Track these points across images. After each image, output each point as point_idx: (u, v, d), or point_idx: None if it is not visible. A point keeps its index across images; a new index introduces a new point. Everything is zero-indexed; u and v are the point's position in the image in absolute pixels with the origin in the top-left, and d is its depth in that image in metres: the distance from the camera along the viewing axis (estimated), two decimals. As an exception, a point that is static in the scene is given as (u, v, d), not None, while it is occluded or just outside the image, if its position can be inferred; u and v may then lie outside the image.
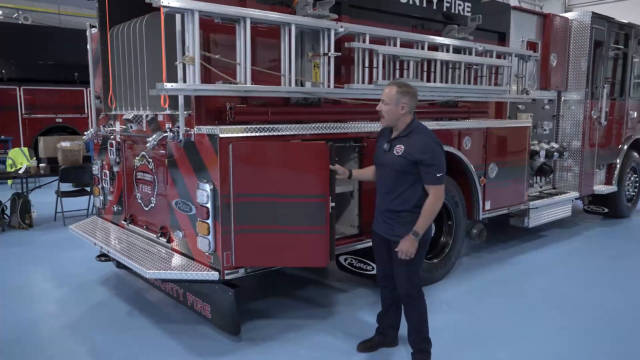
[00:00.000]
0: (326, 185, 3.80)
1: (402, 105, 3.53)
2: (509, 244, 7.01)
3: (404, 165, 3.51)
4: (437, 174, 3.48)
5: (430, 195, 3.51)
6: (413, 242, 3.50)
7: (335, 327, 4.44)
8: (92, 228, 5.32)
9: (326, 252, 3.85)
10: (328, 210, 3.78)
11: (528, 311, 4.78)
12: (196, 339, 4.20)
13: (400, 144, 3.56)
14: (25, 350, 4.05)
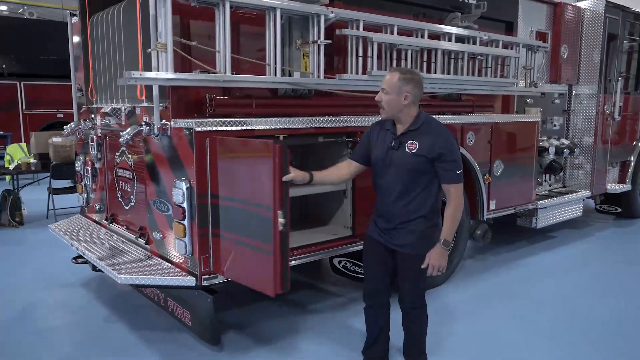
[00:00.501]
0: (273, 193, 3.02)
1: (405, 95, 3.06)
2: (515, 245, 6.65)
3: (420, 164, 3.06)
4: (458, 170, 3.08)
5: (452, 196, 3.09)
6: (444, 254, 3.10)
7: (326, 336, 4.12)
8: (72, 228, 5.05)
9: (274, 279, 3.10)
10: (276, 226, 3.02)
11: (534, 321, 4.43)
12: (174, 348, 3.91)
13: (412, 139, 3.08)
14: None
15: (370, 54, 4.34)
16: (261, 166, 3.12)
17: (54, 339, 4.09)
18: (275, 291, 3.10)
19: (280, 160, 2.98)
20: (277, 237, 3.03)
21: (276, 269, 3.05)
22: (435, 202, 3.18)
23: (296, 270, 5.41)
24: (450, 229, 3.11)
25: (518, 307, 4.71)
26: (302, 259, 4.11)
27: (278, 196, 3.00)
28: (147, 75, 3.30)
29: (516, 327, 4.29)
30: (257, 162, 3.17)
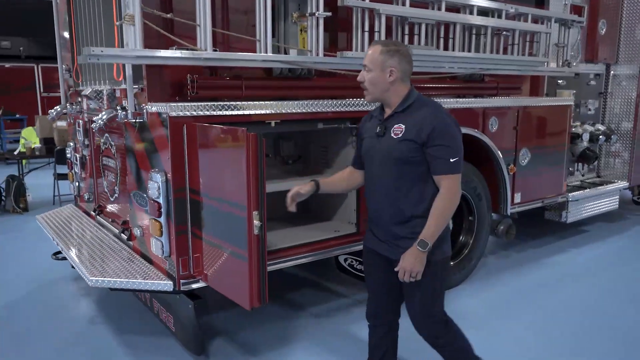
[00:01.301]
0: (247, 191, 2.59)
1: (390, 70, 2.52)
2: (542, 241, 6.08)
3: (408, 152, 2.48)
4: (451, 158, 2.45)
5: (441, 190, 2.47)
6: (419, 256, 2.45)
7: (324, 345, 3.70)
8: (59, 219, 4.73)
9: (250, 290, 2.69)
10: (251, 229, 2.60)
11: (560, 332, 3.91)
12: (155, 357, 3.55)
13: (398, 122, 2.54)
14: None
15: (377, 29, 3.82)
16: (234, 159, 2.68)
17: (28, 342, 3.77)
18: (251, 304, 2.67)
19: (254, 151, 2.53)
20: (252, 241, 2.59)
21: (252, 278, 2.62)
22: (434, 198, 2.54)
23: (299, 266, 5.01)
24: (433, 227, 2.45)
25: (541, 315, 4.19)
26: (299, 259, 3.69)
27: (253, 194, 2.55)
28: (109, 52, 2.87)
29: (536, 342, 3.79)
30: (230, 154, 2.74)
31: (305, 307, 4.32)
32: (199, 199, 3.07)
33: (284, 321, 4.06)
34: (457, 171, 2.49)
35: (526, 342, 3.76)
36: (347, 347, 3.66)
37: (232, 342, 3.73)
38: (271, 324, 4.02)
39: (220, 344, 3.71)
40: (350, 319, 4.09)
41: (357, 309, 4.28)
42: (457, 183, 2.51)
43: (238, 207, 2.66)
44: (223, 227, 2.87)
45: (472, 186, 4.61)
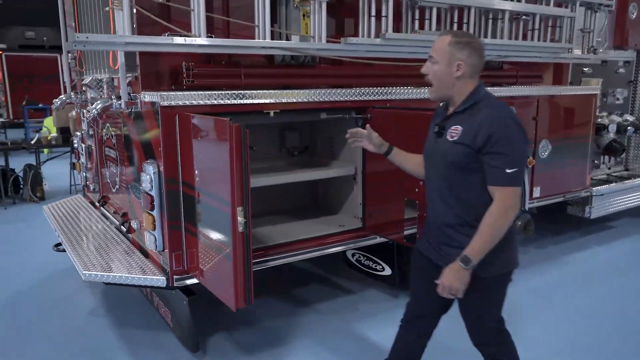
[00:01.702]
0: (231, 185, 2.45)
1: (458, 64, 2.25)
2: (564, 237, 5.81)
3: (463, 157, 2.24)
4: (508, 168, 2.15)
5: (493, 203, 2.19)
6: (460, 273, 2.22)
7: (326, 344, 3.56)
8: (64, 210, 4.69)
9: (235, 290, 2.56)
10: (235, 226, 2.46)
11: (576, 335, 3.69)
12: (152, 352, 3.47)
13: (456, 124, 2.29)
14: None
15: (385, 13, 3.63)
16: (218, 151, 2.54)
17: (31, 334, 3.73)
18: (236, 305, 2.54)
19: (238, 143, 2.38)
20: (236, 239, 2.45)
21: (237, 278, 2.49)
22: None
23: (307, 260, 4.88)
24: (479, 244, 2.20)
25: (556, 315, 3.96)
26: (300, 254, 3.56)
27: (237, 189, 2.41)
28: (96, 39, 2.76)
29: (549, 341, 3.57)
30: (215, 146, 2.60)
31: (310, 303, 4.19)
32: (192, 193, 2.95)
33: (286, 318, 3.94)
34: (514, 184, 2.18)
35: (539, 343, 3.55)
36: (349, 347, 3.52)
37: (230, 339, 3.63)
38: (273, 320, 3.90)
39: (218, 340, 3.61)
40: (356, 317, 3.94)
41: (363, 306, 4.13)
42: (513, 197, 2.19)
43: (223, 202, 2.53)
44: (212, 222, 2.75)
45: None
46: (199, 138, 2.78)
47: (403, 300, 4.23)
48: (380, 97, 3.67)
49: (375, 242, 3.83)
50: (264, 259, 3.40)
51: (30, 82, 14.06)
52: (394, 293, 4.32)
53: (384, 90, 3.69)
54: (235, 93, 3.12)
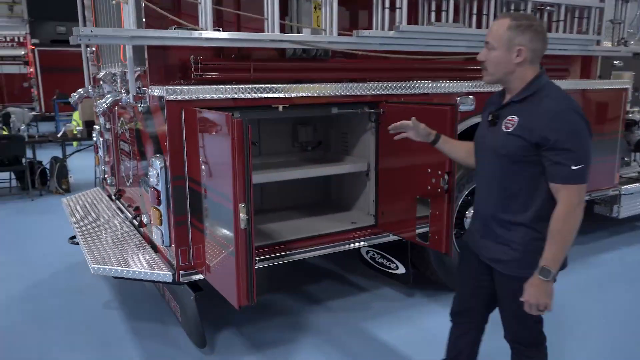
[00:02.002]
0: (233, 181, 2.39)
1: (519, 50, 2.09)
2: (590, 237, 5.59)
3: (518, 150, 2.10)
4: (574, 165, 2.01)
5: (558, 205, 2.05)
6: (542, 286, 2.07)
7: (336, 344, 3.50)
8: (82, 203, 4.75)
9: (237, 287, 2.51)
10: (237, 223, 2.41)
11: (597, 340, 3.53)
12: (161, 346, 3.47)
13: (513, 114, 2.14)
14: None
15: (399, 5, 3.53)
16: (220, 146, 2.50)
17: (38, 327, 3.78)
18: (238, 302, 2.50)
19: (240, 138, 2.32)
20: (239, 236, 2.41)
21: (239, 275, 2.45)
22: (547, 205, 2.14)
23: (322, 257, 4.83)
24: (554, 251, 2.05)
25: (577, 319, 3.81)
26: (308, 252, 3.49)
27: (239, 184, 2.36)
28: (100, 32, 2.75)
29: (573, 350, 3.43)
30: (217, 141, 2.56)
31: (322, 301, 4.13)
32: (198, 189, 2.92)
33: (297, 315, 3.89)
34: (580, 181, 2.04)
35: (557, 349, 3.41)
36: (359, 346, 3.45)
37: (240, 336, 3.60)
38: (283, 317, 3.86)
39: (227, 336, 3.59)
40: (368, 315, 3.87)
41: (376, 305, 4.06)
42: (579, 195, 2.05)
43: (226, 198, 2.48)
44: (216, 218, 2.71)
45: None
46: (203, 133, 2.74)
47: (417, 300, 4.17)
48: (393, 92, 3.57)
49: (388, 240, 3.74)
50: (272, 256, 3.35)
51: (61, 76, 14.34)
52: (408, 292, 4.23)
53: (398, 85, 3.59)
54: (242, 87, 3.07)
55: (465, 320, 2.59)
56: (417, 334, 3.60)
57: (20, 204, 7.49)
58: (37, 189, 7.84)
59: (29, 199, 7.62)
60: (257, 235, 3.60)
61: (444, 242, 3.16)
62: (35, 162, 7.93)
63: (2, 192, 8.03)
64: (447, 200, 3.10)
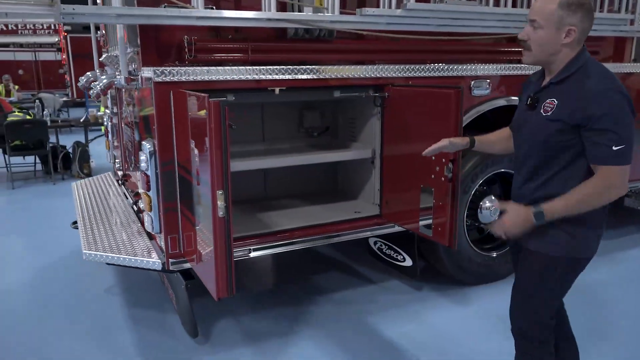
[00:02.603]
0: (210, 166, 2.28)
1: (569, 30, 1.96)
2: (620, 231, 5.26)
3: (556, 134, 2.00)
4: (615, 145, 1.92)
5: (596, 176, 1.98)
6: (525, 218, 2.04)
7: (335, 336, 3.36)
8: (90, 187, 4.73)
9: (216, 278, 2.38)
10: (215, 211, 2.27)
11: (621, 348, 3.28)
12: (155, 335, 3.41)
13: (552, 97, 2.04)
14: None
15: (407, -19, 3.31)
16: (199, 130, 2.37)
17: (47, 309, 3.78)
18: (217, 294, 2.38)
19: (217, 122, 2.19)
20: (216, 225, 2.28)
21: (217, 265, 2.33)
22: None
23: (330, 246, 4.69)
24: (561, 204, 1.99)
25: (604, 320, 3.55)
26: (307, 242, 3.36)
27: (217, 170, 2.23)
28: (84, 10, 2.63)
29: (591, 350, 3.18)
30: (197, 125, 2.43)
31: (326, 292, 3.99)
32: (186, 174, 2.81)
33: (299, 306, 3.77)
34: (621, 162, 1.95)
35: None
36: (359, 341, 3.30)
37: (236, 326, 3.51)
38: (285, 308, 3.74)
39: (224, 326, 3.50)
40: (373, 309, 3.71)
41: (381, 298, 3.89)
42: (619, 176, 1.96)
43: (206, 185, 2.36)
44: (199, 206, 2.60)
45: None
46: (187, 116, 2.62)
47: (425, 294, 3.98)
48: (400, 75, 3.37)
49: (392, 230, 3.57)
50: (269, 245, 3.23)
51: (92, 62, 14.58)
52: (417, 285, 4.05)
53: (406, 67, 3.38)
54: (236, 69, 2.93)
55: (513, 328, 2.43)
56: (422, 331, 3.43)
57: (43, 187, 7.60)
58: (59, 173, 7.95)
59: (51, 182, 7.74)
60: (257, 222, 3.49)
61: (448, 234, 2.97)
62: (59, 147, 8.04)
63: (27, 176, 8.18)
64: (452, 190, 2.90)
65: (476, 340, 3.30)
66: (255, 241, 3.21)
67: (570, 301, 3.44)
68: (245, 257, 3.19)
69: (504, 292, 3.90)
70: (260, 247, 3.20)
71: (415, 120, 3.16)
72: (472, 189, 3.81)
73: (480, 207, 4.01)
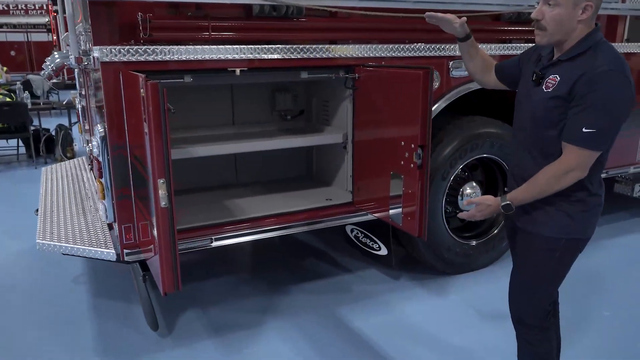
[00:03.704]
0: (150, 152, 2.15)
1: (585, 6, 1.90)
2: (609, 217, 5.11)
3: (556, 111, 1.95)
4: (585, 127, 1.86)
5: (559, 159, 1.94)
6: (489, 207, 2.07)
7: (303, 329, 3.23)
8: (60, 172, 4.58)
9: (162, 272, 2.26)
10: (157, 201, 2.12)
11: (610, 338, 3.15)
12: (118, 327, 3.28)
13: (556, 73, 1.96)
14: None
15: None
16: (139, 113, 2.20)
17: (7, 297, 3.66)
18: (163, 289, 2.24)
19: (155, 105, 2.02)
20: (159, 215, 2.13)
21: (161, 258, 2.18)
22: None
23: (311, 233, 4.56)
24: (526, 195, 2.01)
25: (591, 309, 3.41)
26: (271, 231, 3.21)
27: (157, 157, 2.07)
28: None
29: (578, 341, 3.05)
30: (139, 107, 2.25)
31: (299, 281, 3.86)
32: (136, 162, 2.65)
33: (269, 296, 3.63)
34: (587, 145, 1.88)
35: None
36: (328, 333, 3.17)
37: (203, 318, 3.37)
38: (256, 299, 3.61)
39: (189, 318, 3.37)
40: (345, 299, 3.58)
41: (357, 287, 3.76)
42: (579, 160, 1.91)
43: (149, 171, 2.20)
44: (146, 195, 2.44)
45: (507, 151, 3.81)
46: (132, 99, 2.45)
47: (401, 283, 3.84)
48: (372, 54, 3.18)
49: (364, 219, 3.42)
50: (233, 234, 3.09)
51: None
52: (394, 275, 3.92)
53: (378, 47, 3.19)
54: (190, 48, 2.74)
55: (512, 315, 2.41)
56: (394, 322, 3.31)
57: (24, 171, 7.47)
58: (42, 156, 7.79)
59: (33, 167, 7.59)
60: (223, 210, 3.34)
61: (418, 224, 2.81)
62: (41, 130, 7.87)
63: (10, 159, 8.03)
64: (421, 178, 2.74)
65: (449, 332, 3.17)
66: (222, 230, 3.07)
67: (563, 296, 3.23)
68: (207, 247, 3.04)
69: (483, 282, 3.80)
70: (222, 236, 3.05)
71: (384, 103, 2.98)
72: (452, 175, 3.65)
73: (461, 194, 3.86)
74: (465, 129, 3.62)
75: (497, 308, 3.38)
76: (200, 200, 3.56)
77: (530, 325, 2.23)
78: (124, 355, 2.98)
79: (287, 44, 3.01)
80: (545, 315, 2.22)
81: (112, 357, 2.96)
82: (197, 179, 3.83)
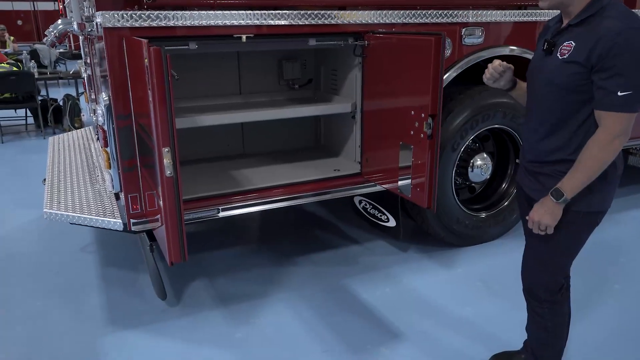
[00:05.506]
0: (155, 120, 2.09)
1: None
2: (622, 191, 5.03)
3: (573, 77, 1.88)
4: (621, 90, 1.78)
5: (600, 130, 1.86)
6: (550, 207, 1.96)
7: (309, 299, 3.23)
8: (67, 142, 4.56)
9: (168, 242, 2.24)
10: (162, 171, 2.09)
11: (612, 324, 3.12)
12: (125, 296, 3.30)
13: (569, 39, 1.90)
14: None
15: None
16: (144, 80, 2.15)
17: (15, 266, 3.69)
18: (169, 259, 2.23)
19: (158, 70, 1.97)
20: (164, 185, 2.10)
21: (167, 228, 2.16)
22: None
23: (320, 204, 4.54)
24: (576, 177, 1.90)
25: (591, 282, 3.38)
26: (278, 202, 3.17)
27: (161, 125, 2.02)
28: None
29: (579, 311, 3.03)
30: (143, 74, 2.19)
31: (307, 252, 3.85)
32: (142, 131, 2.61)
33: (276, 267, 3.63)
34: (626, 109, 1.82)
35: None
36: (334, 305, 3.17)
37: (210, 288, 3.38)
38: (261, 269, 3.61)
39: (197, 288, 3.38)
40: (353, 271, 3.57)
41: (364, 259, 3.74)
42: (622, 126, 1.82)
43: (154, 141, 2.16)
44: (152, 164, 2.41)
45: (520, 121, 3.73)
46: (135, 65, 2.40)
47: (410, 255, 3.82)
48: (381, 20, 3.08)
49: (373, 190, 3.38)
50: (232, 206, 3.06)
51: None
52: (403, 246, 3.90)
53: (387, 13, 3.09)
54: (195, 13, 2.67)
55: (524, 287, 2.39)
56: (401, 294, 3.29)
57: (32, 141, 7.47)
58: (50, 127, 7.79)
59: (42, 137, 7.59)
60: (230, 180, 3.31)
61: (427, 195, 2.76)
62: (49, 100, 7.84)
63: (18, 130, 8.04)
64: (431, 148, 2.68)
65: (457, 305, 3.15)
66: (225, 201, 3.04)
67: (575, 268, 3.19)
68: (214, 218, 3.02)
69: (492, 255, 3.77)
70: (229, 207, 3.02)
71: (394, 71, 2.90)
72: (462, 146, 3.58)
73: (472, 165, 3.80)
74: (476, 99, 3.53)
75: (506, 281, 3.36)
76: (208, 170, 3.53)
77: (541, 299, 2.22)
78: (131, 324, 3.00)
79: (295, 9, 2.92)
80: (558, 289, 2.19)
81: (120, 326, 2.98)
82: (204, 149, 3.79)
